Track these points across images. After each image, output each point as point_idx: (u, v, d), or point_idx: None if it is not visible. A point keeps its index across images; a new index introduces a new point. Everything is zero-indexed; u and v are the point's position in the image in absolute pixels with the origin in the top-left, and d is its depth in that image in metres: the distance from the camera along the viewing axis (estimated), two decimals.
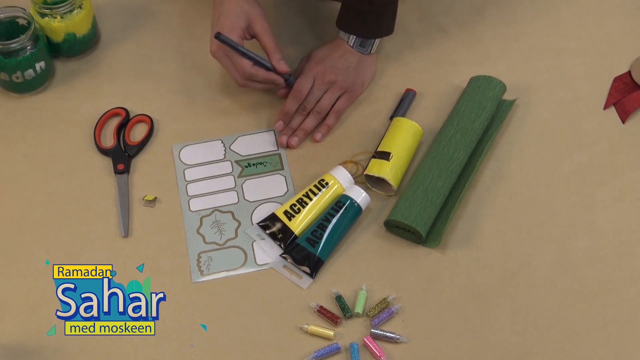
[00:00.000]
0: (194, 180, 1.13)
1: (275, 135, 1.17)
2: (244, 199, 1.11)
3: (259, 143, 1.17)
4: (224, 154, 1.16)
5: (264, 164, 1.14)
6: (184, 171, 1.14)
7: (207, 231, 1.08)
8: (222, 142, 1.17)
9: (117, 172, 1.13)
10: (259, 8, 1.14)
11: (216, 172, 1.14)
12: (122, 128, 1.18)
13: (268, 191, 1.12)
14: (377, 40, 1.18)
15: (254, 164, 1.14)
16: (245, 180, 1.13)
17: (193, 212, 1.10)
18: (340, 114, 1.18)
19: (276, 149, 1.16)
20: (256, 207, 1.10)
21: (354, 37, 1.17)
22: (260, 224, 1.08)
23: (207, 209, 1.10)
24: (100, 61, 1.25)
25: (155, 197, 1.11)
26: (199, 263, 1.05)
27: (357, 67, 1.18)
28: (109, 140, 1.16)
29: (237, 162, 1.15)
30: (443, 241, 1.07)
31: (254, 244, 1.07)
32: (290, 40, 1.28)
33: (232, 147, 1.16)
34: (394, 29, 1.19)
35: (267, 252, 1.06)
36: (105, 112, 1.19)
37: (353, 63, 1.17)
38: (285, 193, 1.11)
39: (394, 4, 1.15)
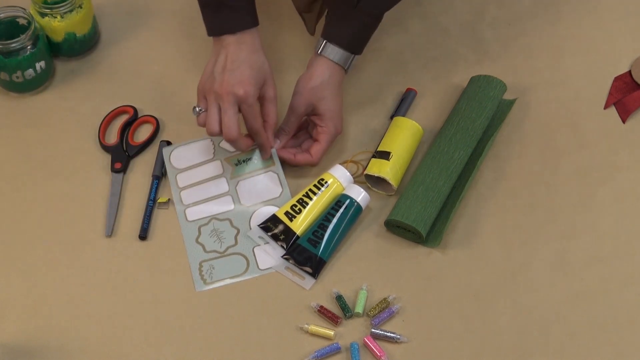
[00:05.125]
0: (186, 187, 1.11)
1: None
2: (240, 203, 1.10)
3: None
4: (214, 152, 1.14)
5: (253, 159, 1.12)
6: (176, 177, 1.12)
7: (206, 240, 1.07)
8: (211, 140, 1.15)
9: (114, 170, 1.12)
10: (269, 64, 1.08)
11: (208, 175, 1.12)
12: (127, 127, 1.18)
13: (263, 193, 1.10)
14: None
15: (243, 160, 1.13)
16: (238, 182, 1.11)
17: (190, 221, 1.08)
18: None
19: None
20: (253, 213, 1.09)
21: (341, 51, 1.09)
22: (261, 225, 1.07)
23: (204, 218, 1.09)
24: (100, 61, 1.25)
25: (169, 199, 1.10)
26: (201, 272, 1.04)
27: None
28: (112, 138, 1.16)
29: (226, 159, 1.13)
30: (443, 241, 1.07)
31: (255, 248, 1.06)
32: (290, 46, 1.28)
33: (221, 144, 1.14)
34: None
35: (270, 254, 1.05)
36: (114, 109, 1.18)
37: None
38: (281, 194, 1.10)
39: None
